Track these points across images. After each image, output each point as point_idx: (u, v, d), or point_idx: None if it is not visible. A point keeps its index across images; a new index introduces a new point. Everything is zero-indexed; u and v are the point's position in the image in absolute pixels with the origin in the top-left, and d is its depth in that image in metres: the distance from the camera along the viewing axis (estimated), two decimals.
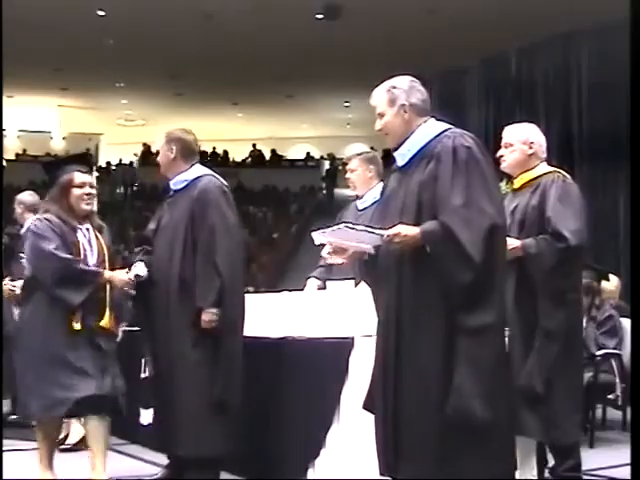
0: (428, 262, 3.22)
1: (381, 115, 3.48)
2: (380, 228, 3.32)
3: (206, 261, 4.35)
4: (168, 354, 4.43)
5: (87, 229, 4.48)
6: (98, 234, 4.54)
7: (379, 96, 3.50)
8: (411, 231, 3.23)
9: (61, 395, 4.23)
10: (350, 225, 3.36)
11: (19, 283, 5.98)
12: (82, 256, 4.40)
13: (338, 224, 3.44)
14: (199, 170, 4.59)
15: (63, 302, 4.28)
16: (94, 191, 4.55)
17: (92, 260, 4.43)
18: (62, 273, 4.30)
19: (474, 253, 3.12)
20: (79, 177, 4.49)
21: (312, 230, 3.47)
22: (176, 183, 4.59)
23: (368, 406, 3.47)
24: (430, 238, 3.21)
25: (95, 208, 4.62)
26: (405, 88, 3.46)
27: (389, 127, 3.47)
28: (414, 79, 3.52)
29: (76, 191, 4.47)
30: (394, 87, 3.47)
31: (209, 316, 4.31)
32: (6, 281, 6.19)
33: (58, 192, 4.50)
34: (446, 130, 3.39)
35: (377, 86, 3.53)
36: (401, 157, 3.47)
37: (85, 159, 4.75)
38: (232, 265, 4.37)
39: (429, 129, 3.42)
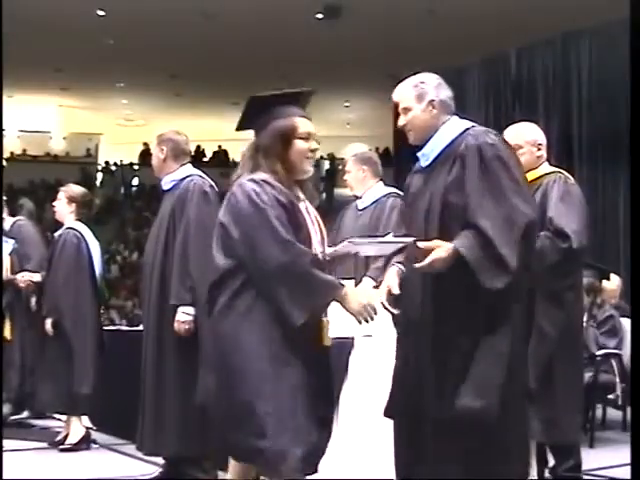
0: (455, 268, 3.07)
1: (407, 110, 3.35)
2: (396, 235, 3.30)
3: (180, 260, 4.36)
4: (150, 355, 4.43)
5: (304, 201, 3.25)
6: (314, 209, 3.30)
7: (406, 91, 3.37)
8: (444, 253, 3.04)
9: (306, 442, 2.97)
10: (352, 240, 3.24)
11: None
12: (312, 245, 3.12)
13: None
14: (187, 170, 4.63)
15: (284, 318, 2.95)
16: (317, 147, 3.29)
17: (318, 249, 3.17)
18: (290, 274, 2.95)
19: (510, 259, 3.02)
20: (304, 125, 3.25)
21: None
22: (165, 183, 4.65)
23: (389, 413, 3.34)
24: (467, 252, 3.03)
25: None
26: (434, 84, 3.37)
27: (415, 123, 3.35)
28: (439, 77, 3.44)
29: (300, 145, 3.21)
30: (422, 82, 3.37)
31: (182, 316, 4.29)
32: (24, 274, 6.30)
33: (273, 143, 3.17)
34: (469, 128, 3.30)
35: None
36: (425, 157, 3.37)
37: (305, 98, 3.35)
38: (203, 264, 4.21)
39: (453, 127, 3.33)
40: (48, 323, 5.61)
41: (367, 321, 3.04)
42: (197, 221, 4.39)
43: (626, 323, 6.21)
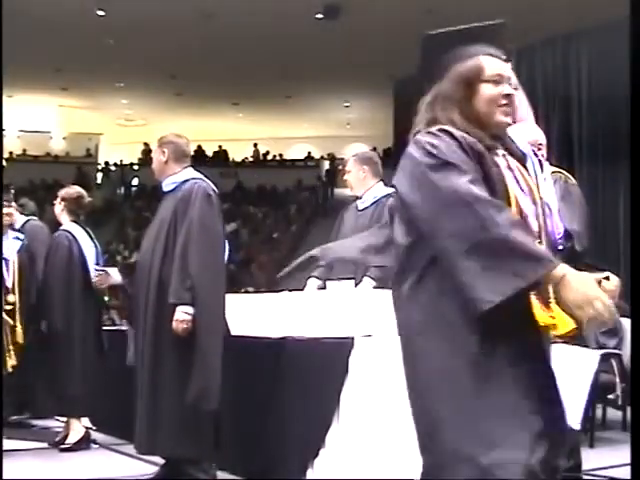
0: None
1: None
2: None
3: (181, 260, 4.37)
4: (147, 354, 4.44)
5: (503, 155, 2.45)
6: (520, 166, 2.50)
7: None
8: None
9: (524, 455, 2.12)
10: None
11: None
12: (518, 209, 2.34)
13: None
14: (189, 173, 4.65)
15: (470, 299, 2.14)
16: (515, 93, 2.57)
17: (530, 213, 2.39)
18: (482, 240, 2.15)
19: None
20: (492, 65, 2.49)
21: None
22: (167, 185, 4.67)
23: None
24: None
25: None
26: None
27: None
28: None
29: (487, 90, 2.46)
30: None
31: (180, 315, 4.30)
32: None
33: (453, 90, 2.46)
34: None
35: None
36: None
37: (496, 33, 2.71)
38: (203, 266, 4.36)
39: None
40: (43, 325, 5.61)
41: (596, 321, 2.22)
42: (200, 223, 4.40)
43: (626, 323, 6.21)
